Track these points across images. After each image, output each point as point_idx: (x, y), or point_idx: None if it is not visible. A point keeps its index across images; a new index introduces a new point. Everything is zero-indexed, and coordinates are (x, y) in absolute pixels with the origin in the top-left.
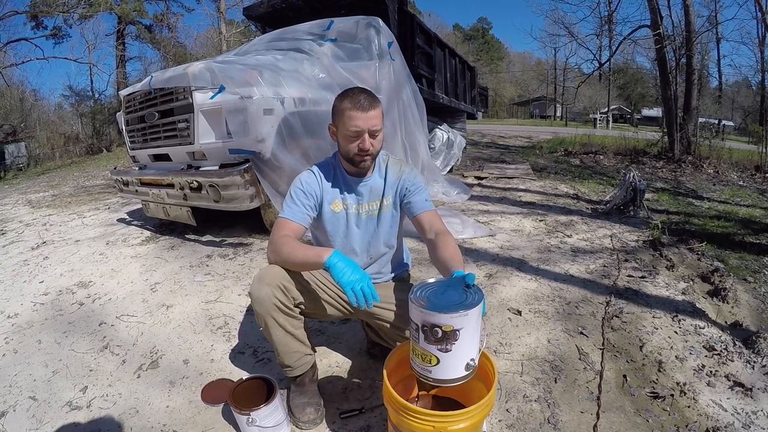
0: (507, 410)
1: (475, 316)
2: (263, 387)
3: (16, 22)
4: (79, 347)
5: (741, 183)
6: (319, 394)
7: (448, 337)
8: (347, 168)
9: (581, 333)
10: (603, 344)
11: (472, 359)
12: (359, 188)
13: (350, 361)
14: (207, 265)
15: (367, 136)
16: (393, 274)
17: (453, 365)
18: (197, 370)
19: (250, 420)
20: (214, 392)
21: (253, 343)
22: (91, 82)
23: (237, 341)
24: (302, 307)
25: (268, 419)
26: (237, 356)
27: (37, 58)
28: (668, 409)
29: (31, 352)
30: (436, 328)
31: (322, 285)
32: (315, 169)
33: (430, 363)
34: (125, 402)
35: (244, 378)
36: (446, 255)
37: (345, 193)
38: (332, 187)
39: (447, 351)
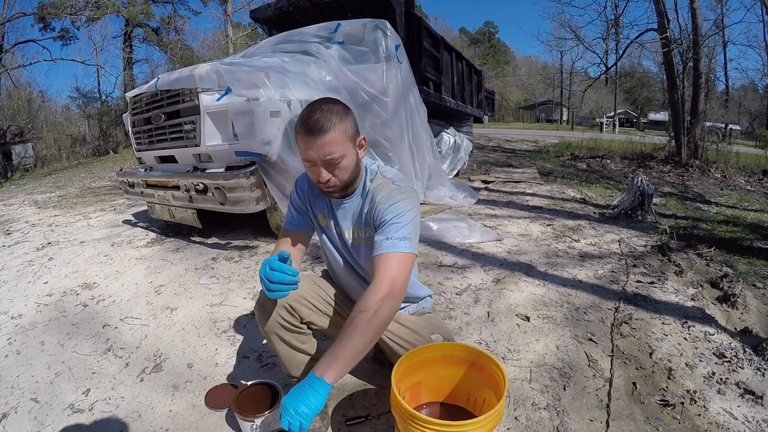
0: (515, 418)
1: None
2: (268, 393)
3: (24, 23)
4: (82, 349)
5: (748, 188)
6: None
7: None
8: None
9: (590, 339)
10: (612, 351)
11: None
12: (338, 210)
13: (356, 367)
14: (212, 268)
15: (321, 168)
16: (406, 306)
17: None
18: (201, 374)
19: (255, 426)
20: (217, 397)
21: (258, 347)
22: (99, 84)
23: (241, 345)
24: (310, 324)
25: (272, 426)
26: (241, 361)
27: (44, 60)
28: (678, 417)
29: (34, 354)
30: None
31: (330, 301)
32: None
33: None
34: (128, 405)
35: (248, 383)
36: (341, 335)
37: (328, 210)
38: (318, 198)
39: None
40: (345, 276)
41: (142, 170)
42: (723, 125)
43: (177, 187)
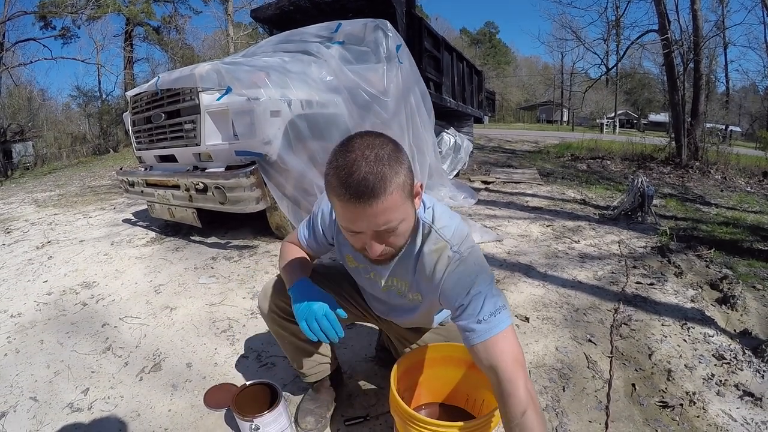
0: None
1: None
2: (267, 393)
3: (24, 22)
4: (81, 348)
5: (749, 189)
6: (329, 404)
7: None
8: None
9: (589, 341)
10: (612, 352)
11: None
12: (378, 265)
13: (356, 367)
14: (212, 268)
15: (372, 241)
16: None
17: None
18: (200, 373)
19: (254, 426)
20: (216, 397)
21: (257, 347)
22: (99, 83)
23: (241, 345)
24: None
25: (271, 426)
26: (241, 360)
27: (45, 59)
28: (678, 419)
29: (33, 352)
30: None
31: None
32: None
33: None
34: (127, 405)
35: (247, 383)
36: None
37: (363, 258)
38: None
39: None
40: (370, 297)
41: (142, 169)
42: (723, 127)
43: (177, 187)
